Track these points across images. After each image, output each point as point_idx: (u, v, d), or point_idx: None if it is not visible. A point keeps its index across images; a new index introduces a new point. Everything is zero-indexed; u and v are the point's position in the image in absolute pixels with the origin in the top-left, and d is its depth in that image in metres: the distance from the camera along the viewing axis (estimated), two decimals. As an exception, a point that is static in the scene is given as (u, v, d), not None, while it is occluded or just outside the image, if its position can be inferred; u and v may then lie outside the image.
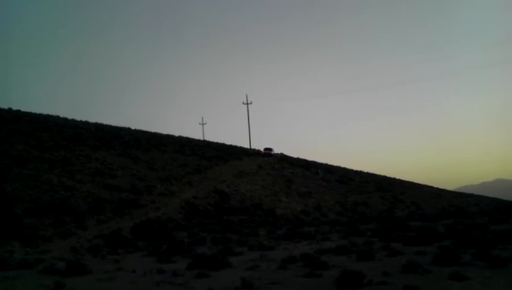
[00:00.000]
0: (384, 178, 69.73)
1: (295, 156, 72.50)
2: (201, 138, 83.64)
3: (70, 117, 65.00)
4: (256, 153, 67.77)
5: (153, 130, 72.42)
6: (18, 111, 57.67)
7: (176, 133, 74.88)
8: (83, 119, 66.31)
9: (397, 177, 72.87)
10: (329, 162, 74.79)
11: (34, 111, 61.02)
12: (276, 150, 71.38)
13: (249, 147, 78.86)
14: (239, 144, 76.38)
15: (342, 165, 74.59)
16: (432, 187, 69.44)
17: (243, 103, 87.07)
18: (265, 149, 67.31)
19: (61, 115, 64.68)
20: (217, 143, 73.99)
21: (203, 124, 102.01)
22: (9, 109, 57.49)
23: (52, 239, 19.77)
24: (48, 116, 60.96)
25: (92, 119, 67.93)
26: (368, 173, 71.64)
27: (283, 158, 65.87)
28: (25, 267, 14.35)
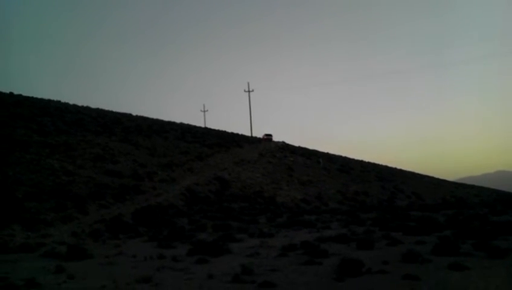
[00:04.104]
0: (385, 168, 69.86)
1: (296, 144, 72.63)
2: (203, 125, 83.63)
3: (71, 102, 64.92)
4: (257, 140, 68.28)
5: (154, 117, 72.38)
6: (19, 95, 57.58)
7: (177, 120, 74.86)
8: (85, 105, 66.27)
9: (398, 167, 73.13)
10: (331, 151, 74.92)
11: (35, 96, 61.04)
12: (278, 138, 72.34)
13: (250, 134, 78.91)
14: (240, 132, 76.48)
15: (343, 155, 74.76)
16: (432, 178, 69.60)
17: (245, 91, 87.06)
18: (266, 135, 72.23)
19: (63, 100, 64.62)
20: (218, 130, 73.94)
21: (204, 111, 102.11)
22: (11, 94, 57.40)
23: (53, 223, 19.81)
24: (49, 101, 60.87)
25: (94, 105, 67.82)
26: (368, 163, 71.74)
27: (284, 146, 65.89)
28: (26, 251, 14.42)
